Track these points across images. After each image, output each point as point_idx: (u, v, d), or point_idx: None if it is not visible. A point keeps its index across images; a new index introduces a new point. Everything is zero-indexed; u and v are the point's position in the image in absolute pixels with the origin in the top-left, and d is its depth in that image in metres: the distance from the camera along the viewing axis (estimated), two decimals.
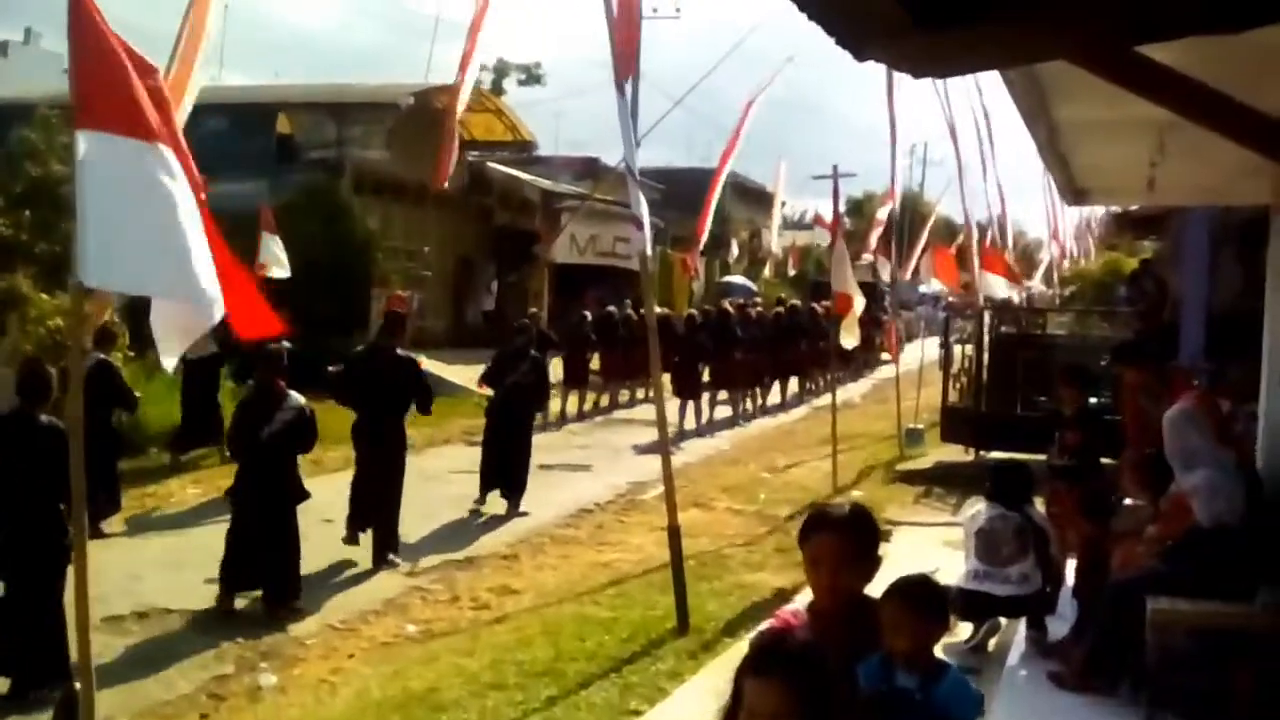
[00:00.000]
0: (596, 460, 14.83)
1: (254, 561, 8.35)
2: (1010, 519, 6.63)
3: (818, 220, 36.19)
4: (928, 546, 8.97)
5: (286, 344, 8.78)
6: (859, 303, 12.26)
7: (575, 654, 7.09)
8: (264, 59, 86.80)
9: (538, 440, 13.00)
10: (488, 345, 20.01)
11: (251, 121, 23.13)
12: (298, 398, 8.50)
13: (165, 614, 8.19)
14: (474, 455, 13.92)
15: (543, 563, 10.00)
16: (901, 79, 13.39)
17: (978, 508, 7.05)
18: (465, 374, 19.02)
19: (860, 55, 3.22)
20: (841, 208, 14.77)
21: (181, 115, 5.86)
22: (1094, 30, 2.16)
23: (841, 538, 3.13)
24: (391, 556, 9.74)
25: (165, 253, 4.69)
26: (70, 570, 5.51)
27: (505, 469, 11.94)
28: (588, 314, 20.50)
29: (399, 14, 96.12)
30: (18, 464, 6.73)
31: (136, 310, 7.99)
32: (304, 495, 8.71)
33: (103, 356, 10.54)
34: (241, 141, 21.95)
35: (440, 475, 12.60)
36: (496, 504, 11.94)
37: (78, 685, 4.44)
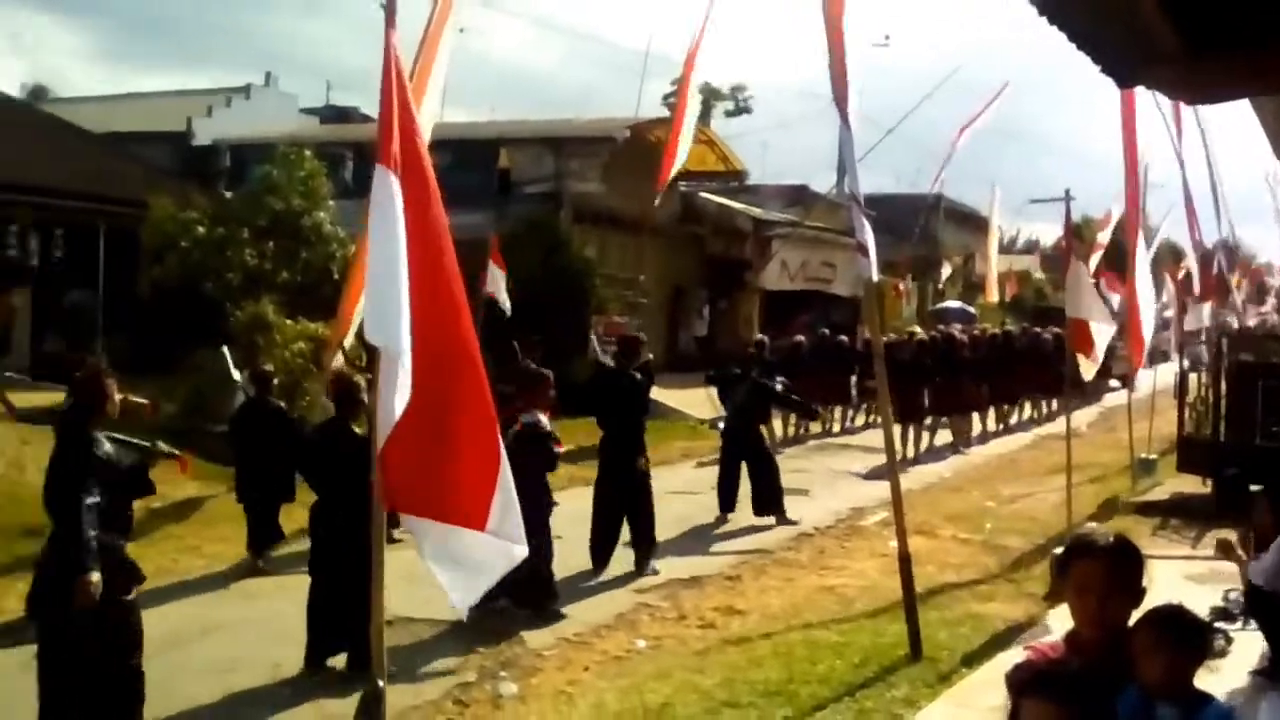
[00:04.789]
0: (814, 485, 14.80)
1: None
2: None
3: (1038, 251, 35.16)
4: (1169, 580, 8.65)
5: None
6: (1100, 331, 11.66)
7: (807, 677, 7.13)
8: (482, 96, 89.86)
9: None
10: (701, 370, 20.27)
11: (474, 156, 24.02)
12: (537, 415, 8.92)
13: (409, 623, 8.56)
14: (691, 476, 14.13)
15: (766, 585, 10.06)
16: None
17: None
18: (680, 398, 19.32)
19: (1127, 82, 3.25)
20: (1060, 231, 14.37)
21: None
22: None
23: (1109, 566, 3.11)
24: (653, 564, 10.37)
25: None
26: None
27: (756, 490, 12.63)
28: (801, 339, 20.47)
29: (610, 52, 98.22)
30: (335, 468, 7.43)
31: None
32: (550, 505, 9.12)
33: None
34: (465, 176, 22.84)
35: (660, 496, 12.81)
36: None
37: (381, 683, 4.73)
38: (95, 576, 5.59)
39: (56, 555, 5.75)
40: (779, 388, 14.06)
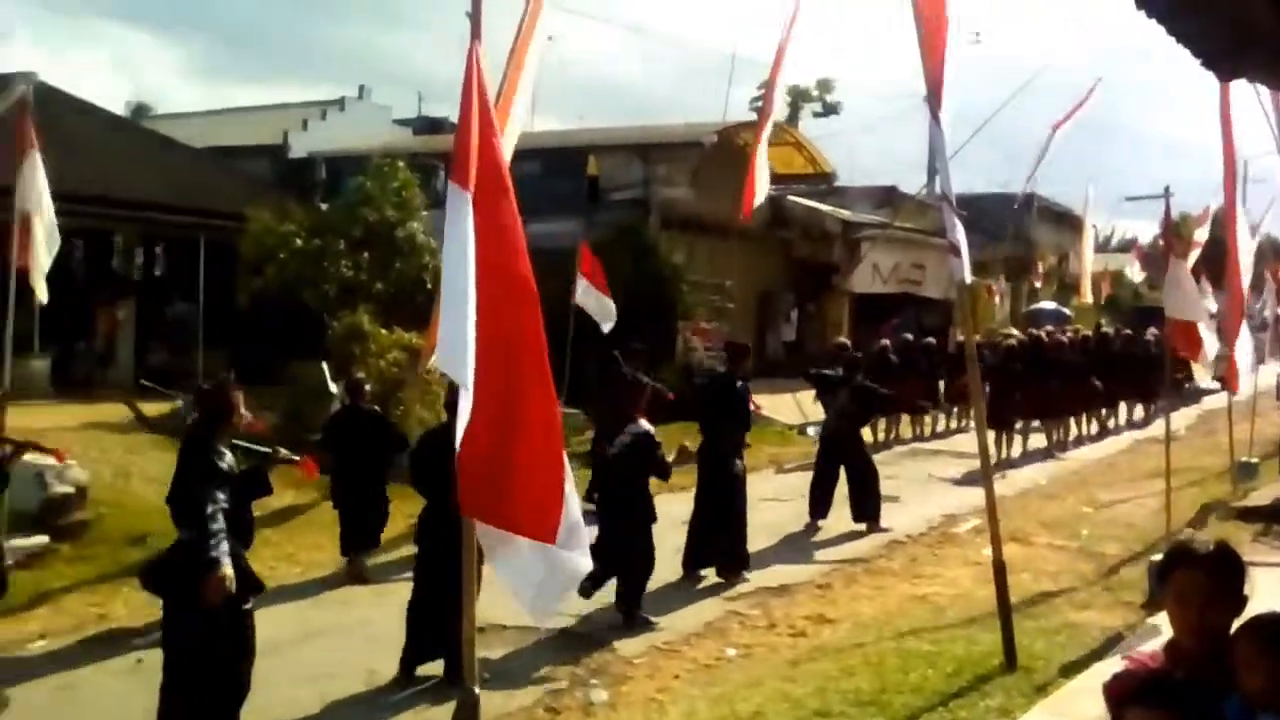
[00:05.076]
0: (905, 491, 14.64)
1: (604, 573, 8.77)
2: None
3: (1136, 249, 34.42)
4: (1271, 588, 8.38)
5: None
6: (1208, 337, 11.28)
7: (900, 686, 7.04)
8: (571, 104, 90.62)
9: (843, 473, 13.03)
10: (789, 375, 20.16)
11: (563, 164, 24.19)
12: (643, 424, 8.96)
13: (500, 629, 8.64)
14: (779, 483, 14.07)
15: (857, 593, 10.00)
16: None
17: None
18: (769, 403, 19.18)
19: (1228, 76, 3.16)
20: (1158, 230, 14.03)
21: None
22: None
23: (1210, 574, 3.05)
24: (744, 573, 10.35)
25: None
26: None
27: (856, 496, 12.63)
28: (887, 343, 20.25)
29: (695, 57, 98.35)
30: (445, 475, 7.54)
31: None
32: (653, 517, 9.17)
33: None
34: (554, 183, 23.02)
35: (750, 503, 12.81)
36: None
37: (477, 690, 4.80)
38: (228, 571, 5.75)
39: (185, 558, 5.92)
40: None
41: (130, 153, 22.10)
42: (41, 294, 11.78)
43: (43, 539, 10.60)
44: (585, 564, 4.74)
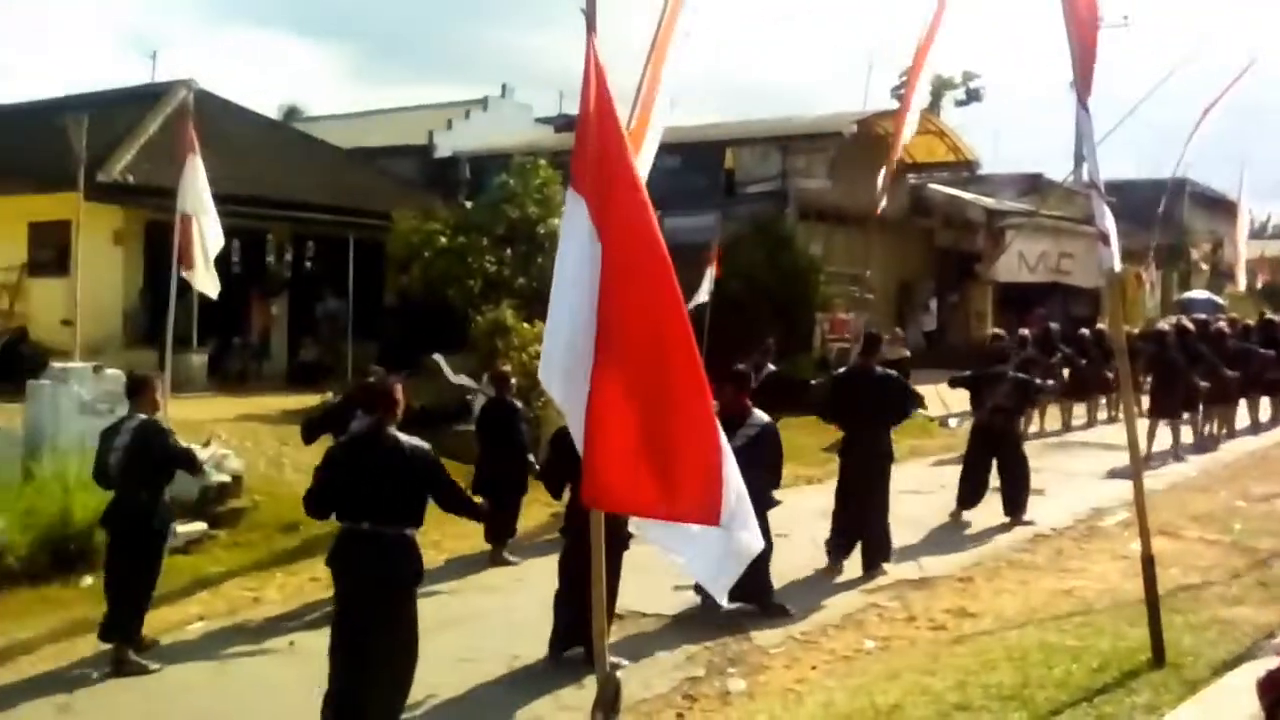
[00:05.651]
0: (1049, 484, 14.27)
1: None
2: None
3: None
4: None
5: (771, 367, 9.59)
6: None
7: (1043, 681, 6.89)
8: (708, 100, 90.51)
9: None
10: (930, 366, 19.87)
11: (702, 158, 24.24)
12: (762, 416, 8.95)
13: (640, 617, 8.77)
14: (922, 475, 13.89)
15: (1000, 587, 9.82)
16: None
17: None
18: None
19: None
20: None
21: (645, 162, 5.53)
22: None
23: None
24: (884, 565, 10.26)
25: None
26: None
27: (1008, 488, 12.51)
28: (1027, 333, 19.72)
29: (837, 49, 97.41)
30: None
31: None
32: (772, 504, 9.15)
33: None
34: (692, 177, 23.11)
35: (891, 495, 12.67)
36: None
37: (619, 674, 4.89)
38: None
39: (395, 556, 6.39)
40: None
41: (283, 154, 22.94)
42: (210, 290, 12.35)
43: (201, 525, 11.12)
44: (756, 543, 4.64)
